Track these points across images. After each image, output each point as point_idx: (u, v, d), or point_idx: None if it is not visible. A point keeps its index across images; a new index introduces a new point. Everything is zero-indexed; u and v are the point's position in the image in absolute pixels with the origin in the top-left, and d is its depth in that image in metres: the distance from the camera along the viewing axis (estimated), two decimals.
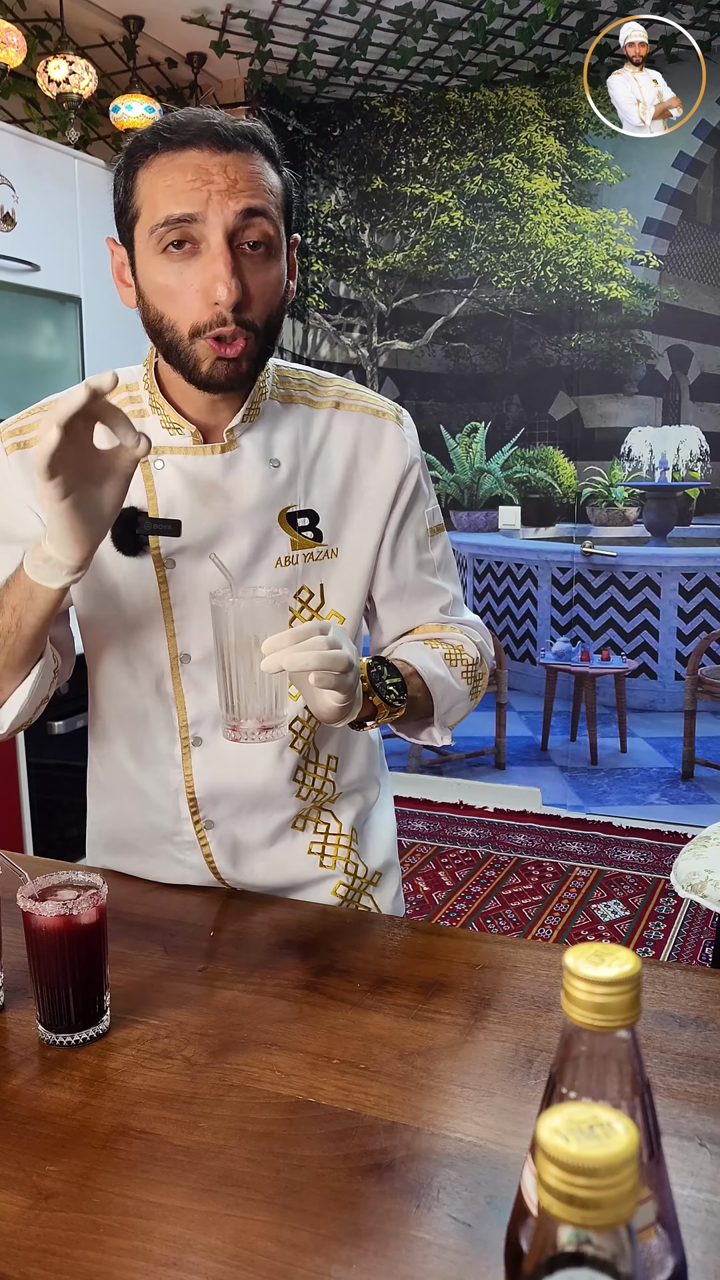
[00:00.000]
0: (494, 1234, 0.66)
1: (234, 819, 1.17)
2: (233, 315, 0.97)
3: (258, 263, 0.99)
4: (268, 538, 1.10)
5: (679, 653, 3.88)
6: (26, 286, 2.98)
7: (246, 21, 3.40)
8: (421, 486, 1.19)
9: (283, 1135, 0.77)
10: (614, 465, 3.88)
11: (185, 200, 0.95)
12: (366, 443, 1.15)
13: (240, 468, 1.09)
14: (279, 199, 1.00)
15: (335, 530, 1.14)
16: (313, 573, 1.13)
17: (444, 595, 1.23)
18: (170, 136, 0.96)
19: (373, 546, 1.16)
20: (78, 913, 0.89)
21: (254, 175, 0.97)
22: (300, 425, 1.12)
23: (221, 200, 0.95)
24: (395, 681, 1.06)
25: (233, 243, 0.96)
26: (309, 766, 1.19)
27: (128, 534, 1.07)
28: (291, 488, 1.11)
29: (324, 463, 1.13)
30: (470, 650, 1.19)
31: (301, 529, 1.12)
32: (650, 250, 3.71)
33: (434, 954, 1.05)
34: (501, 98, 3.83)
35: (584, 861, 3.61)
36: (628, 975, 0.49)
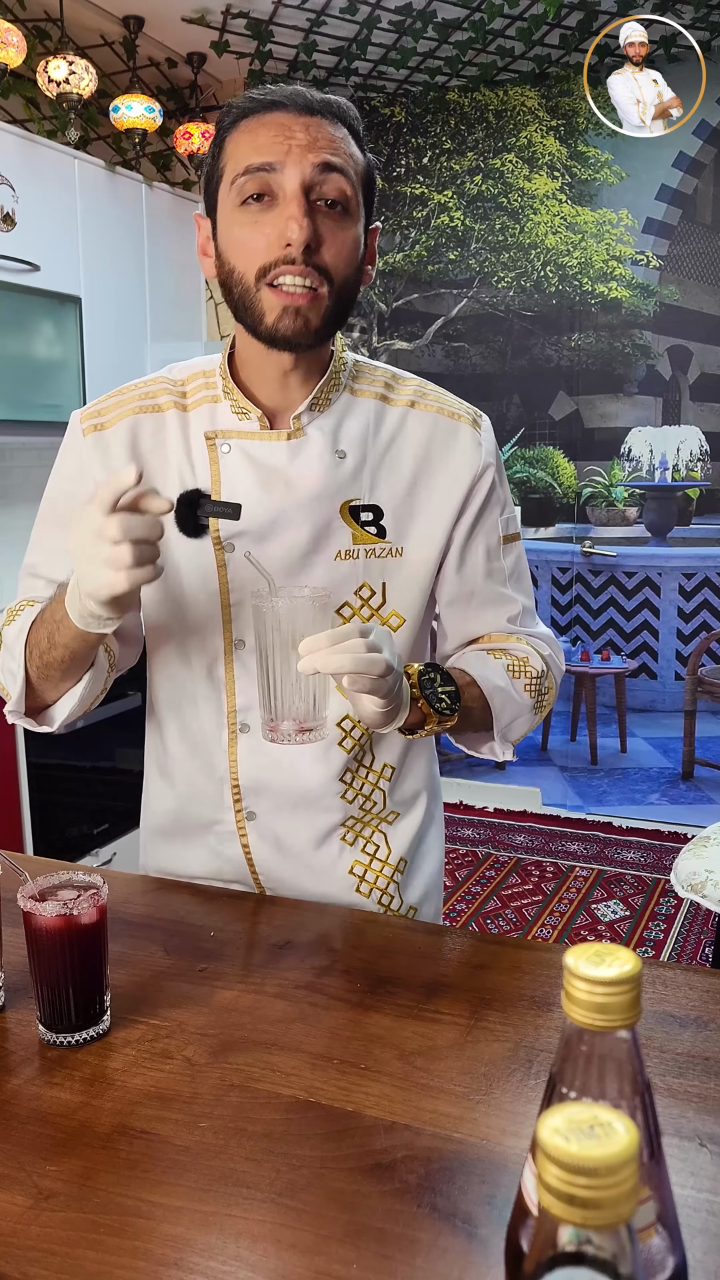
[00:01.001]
0: (494, 1234, 0.66)
1: (276, 814, 1.15)
2: (303, 256, 0.98)
3: (334, 219, 1.00)
4: (328, 529, 1.09)
5: (679, 653, 3.88)
6: (26, 286, 2.98)
7: (246, 21, 3.40)
8: (496, 492, 1.16)
9: (283, 1135, 0.77)
10: (614, 465, 3.88)
11: (266, 151, 0.98)
12: (439, 443, 1.13)
13: (305, 455, 1.08)
14: (359, 170, 1.03)
15: (401, 529, 1.12)
16: (375, 570, 1.11)
17: (513, 605, 1.19)
18: (259, 98, 1.01)
19: (439, 549, 1.13)
20: (78, 913, 0.89)
21: (335, 138, 1.00)
22: (372, 419, 1.11)
23: (300, 153, 0.98)
24: (449, 690, 1.03)
25: (309, 196, 0.99)
26: (359, 770, 1.16)
27: (190, 516, 1.07)
28: (357, 480, 1.10)
29: (393, 459, 1.11)
30: (535, 663, 1.16)
31: (364, 523, 1.10)
32: (650, 250, 3.71)
33: (434, 954, 1.05)
34: (501, 98, 3.83)
35: (584, 861, 3.61)
36: (628, 975, 0.49)
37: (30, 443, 3.46)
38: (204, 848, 1.20)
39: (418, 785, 1.22)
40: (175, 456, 1.11)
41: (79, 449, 1.13)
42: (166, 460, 1.11)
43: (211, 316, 4.02)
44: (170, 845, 1.23)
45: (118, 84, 3.59)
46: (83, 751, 3.02)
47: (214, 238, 1.06)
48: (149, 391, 1.13)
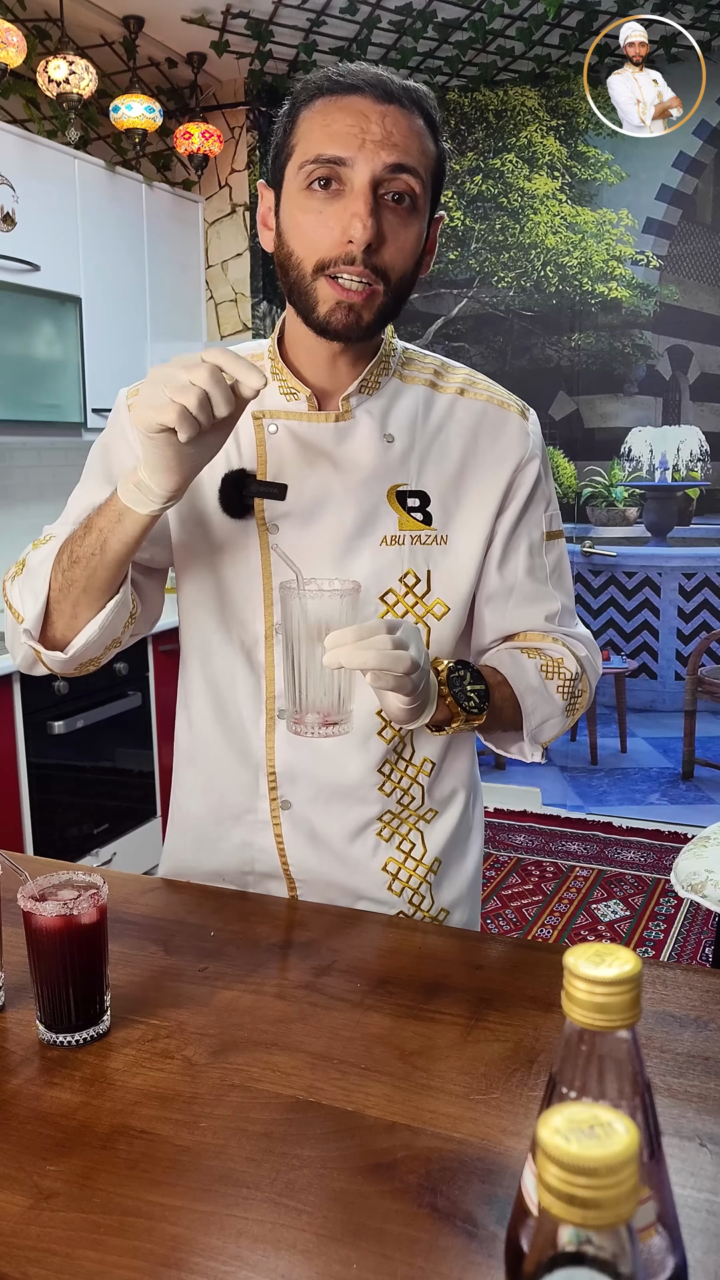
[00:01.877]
0: (494, 1234, 0.66)
1: (312, 804, 1.14)
2: (363, 256, 0.97)
3: (399, 215, 0.99)
4: (374, 513, 1.08)
5: (679, 653, 3.88)
6: (26, 286, 2.98)
7: (246, 21, 3.40)
8: (541, 485, 1.15)
9: (283, 1135, 0.77)
10: (614, 465, 3.88)
11: (340, 142, 0.96)
12: (487, 431, 1.12)
13: (354, 438, 1.08)
14: (430, 164, 1.01)
15: (447, 516, 1.11)
16: (420, 557, 1.10)
17: (552, 603, 1.17)
18: (339, 79, 0.98)
19: (483, 537, 1.12)
20: (78, 913, 0.89)
21: (410, 132, 0.98)
22: (420, 405, 1.10)
23: (374, 149, 0.96)
24: (478, 689, 1.03)
25: (376, 191, 0.97)
26: (398, 763, 1.15)
27: (235, 495, 1.07)
28: (404, 465, 1.09)
29: (441, 445, 1.10)
30: (570, 665, 1.14)
31: (411, 509, 1.09)
32: (650, 250, 3.71)
33: (434, 954, 1.05)
34: (501, 98, 3.83)
35: (584, 861, 3.61)
36: (628, 975, 0.49)
37: (30, 443, 3.47)
38: (235, 839, 1.18)
39: (456, 783, 1.20)
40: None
41: (122, 421, 1.12)
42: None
43: (211, 316, 4.02)
44: (199, 840, 1.21)
45: (118, 84, 3.59)
46: (83, 751, 3.02)
47: (275, 212, 1.04)
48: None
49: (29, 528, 3.52)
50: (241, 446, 1.09)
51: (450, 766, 1.19)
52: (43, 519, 4.35)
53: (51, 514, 1.18)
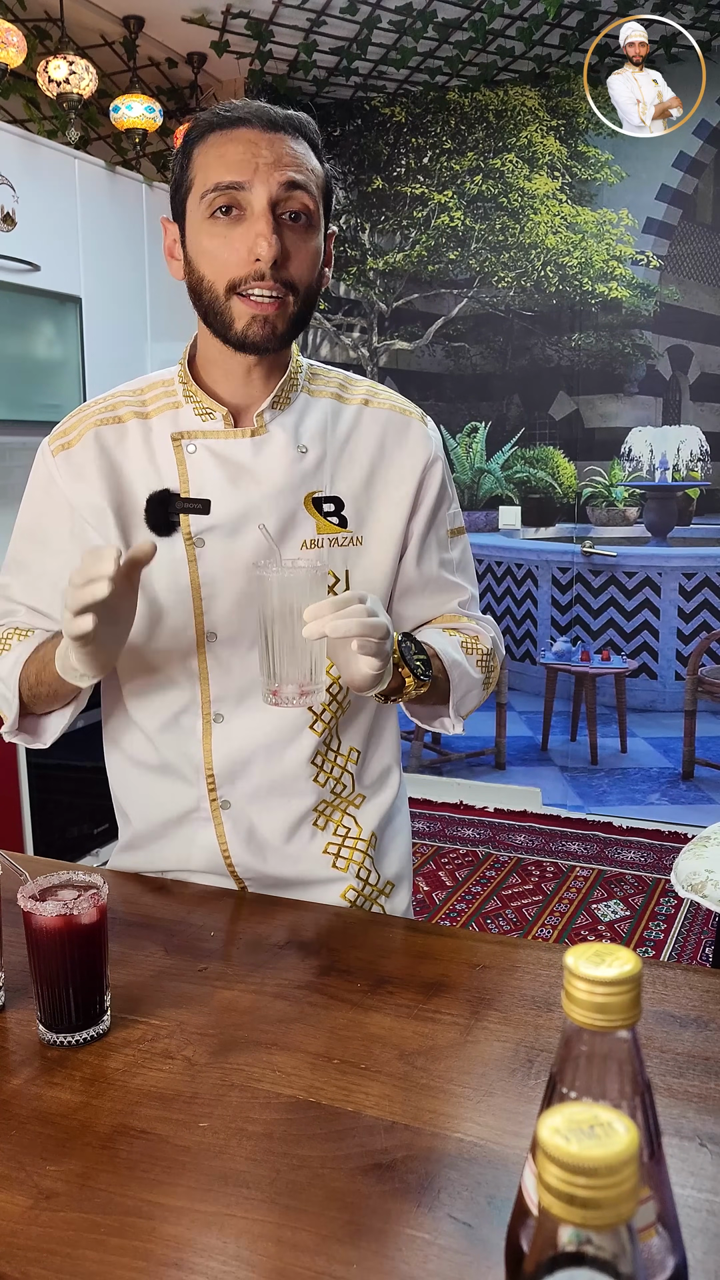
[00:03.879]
0: (494, 1234, 0.66)
1: (251, 802, 1.18)
2: (271, 272, 1.04)
3: (298, 232, 1.06)
4: (294, 520, 1.14)
5: (679, 653, 3.88)
6: (26, 286, 2.98)
7: (247, 21, 3.40)
8: (446, 486, 1.23)
9: (283, 1135, 0.77)
10: (614, 465, 3.88)
11: (235, 169, 1.04)
12: (392, 437, 1.19)
13: (269, 451, 1.14)
14: (320, 182, 1.09)
15: (361, 519, 1.18)
16: (338, 558, 1.16)
17: (462, 592, 1.27)
18: (225, 115, 1.06)
19: (396, 536, 1.19)
20: (78, 913, 0.89)
21: (298, 154, 1.06)
22: (328, 416, 1.18)
23: (268, 171, 1.03)
24: (421, 658, 1.10)
25: (275, 211, 1.04)
26: (329, 754, 1.21)
27: (160, 514, 1.13)
28: (318, 473, 1.15)
29: (350, 453, 1.18)
30: (485, 641, 1.25)
31: (327, 514, 1.16)
32: (650, 250, 3.71)
33: (434, 954, 1.05)
34: (502, 98, 3.83)
35: (584, 861, 3.61)
36: (628, 975, 0.49)
37: (30, 443, 3.46)
38: (178, 839, 1.22)
39: (382, 766, 1.28)
40: (140, 462, 1.15)
41: (48, 468, 1.19)
42: (133, 467, 1.15)
43: None
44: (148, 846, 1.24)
45: (118, 84, 3.59)
46: (83, 751, 3.01)
47: (182, 243, 1.11)
48: (108, 405, 1.19)
49: None
50: (161, 469, 1.14)
51: (374, 752, 1.27)
52: None
53: None
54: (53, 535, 1.19)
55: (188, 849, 1.21)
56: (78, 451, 1.17)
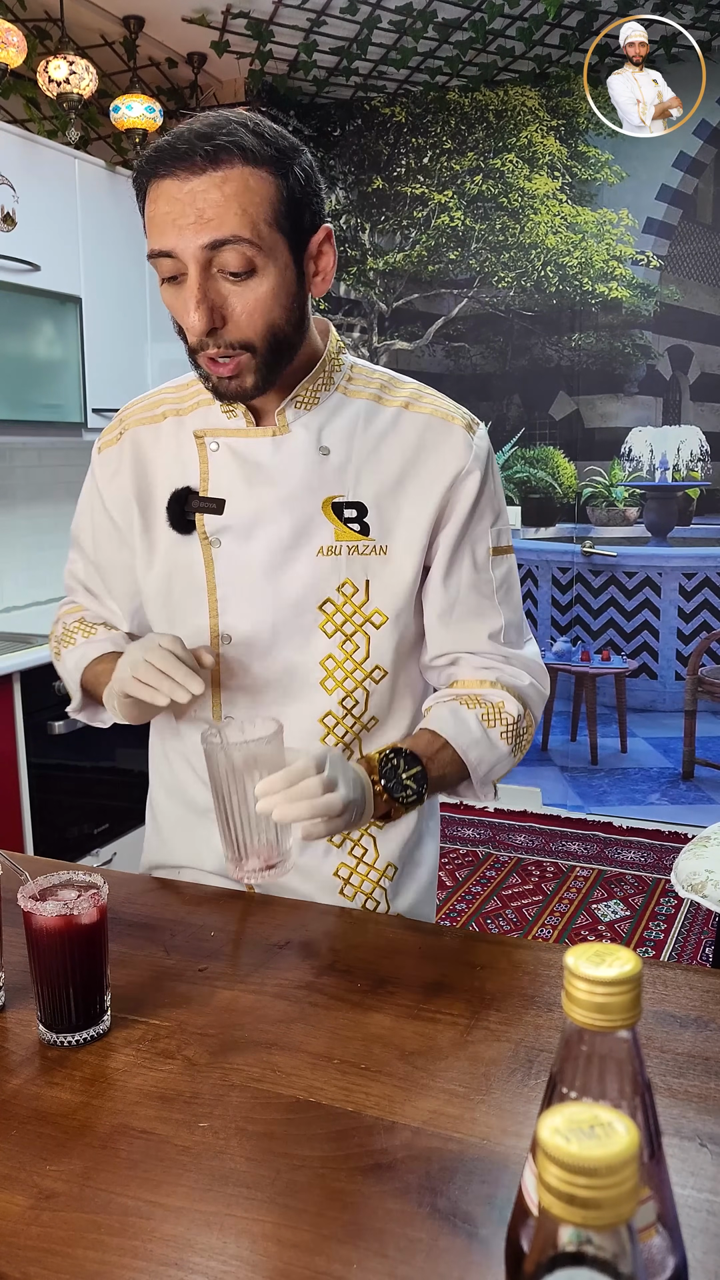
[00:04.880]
0: (494, 1234, 0.66)
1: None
2: (213, 339, 0.99)
3: (240, 285, 0.98)
4: (310, 525, 1.10)
5: (679, 653, 3.88)
6: (26, 286, 2.98)
7: (247, 21, 3.40)
8: (486, 499, 1.14)
9: (283, 1135, 0.77)
10: (614, 465, 3.88)
11: (160, 234, 0.97)
12: (428, 443, 1.12)
13: (288, 451, 1.10)
14: (268, 209, 0.97)
15: (386, 527, 1.11)
16: (357, 566, 1.11)
17: (495, 620, 1.17)
18: (152, 165, 0.97)
19: (420, 548, 1.12)
20: (78, 913, 0.89)
21: (225, 200, 0.95)
22: (360, 418, 1.12)
23: (190, 234, 0.95)
24: (413, 773, 1.04)
25: (210, 268, 0.97)
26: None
27: (179, 512, 1.12)
28: (341, 477, 1.10)
29: (380, 457, 1.11)
30: (511, 708, 1.14)
31: (347, 520, 1.10)
32: (650, 250, 3.71)
33: (434, 954, 1.05)
34: (502, 98, 3.83)
35: (584, 861, 3.61)
36: (628, 975, 0.49)
37: (31, 443, 3.47)
38: (192, 836, 1.22)
39: None
40: (168, 459, 1.16)
41: (91, 466, 1.24)
42: (161, 464, 1.16)
43: None
44: (170, 838, 1.26)
45: (118, 84, 3.59)
46: (83, 751, 3.02)
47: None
48: (149, 404, 1.20)
49: (29, 528, 3.52)
50: (187, 465, 1.14)
51: None
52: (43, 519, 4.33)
53: (51, 514, 1.25)
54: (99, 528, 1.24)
55: (200, 848, 1.21)
56: (114, 452, 1.21)
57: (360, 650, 1.11)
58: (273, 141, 0.98)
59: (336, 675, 1.12)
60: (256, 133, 0.97)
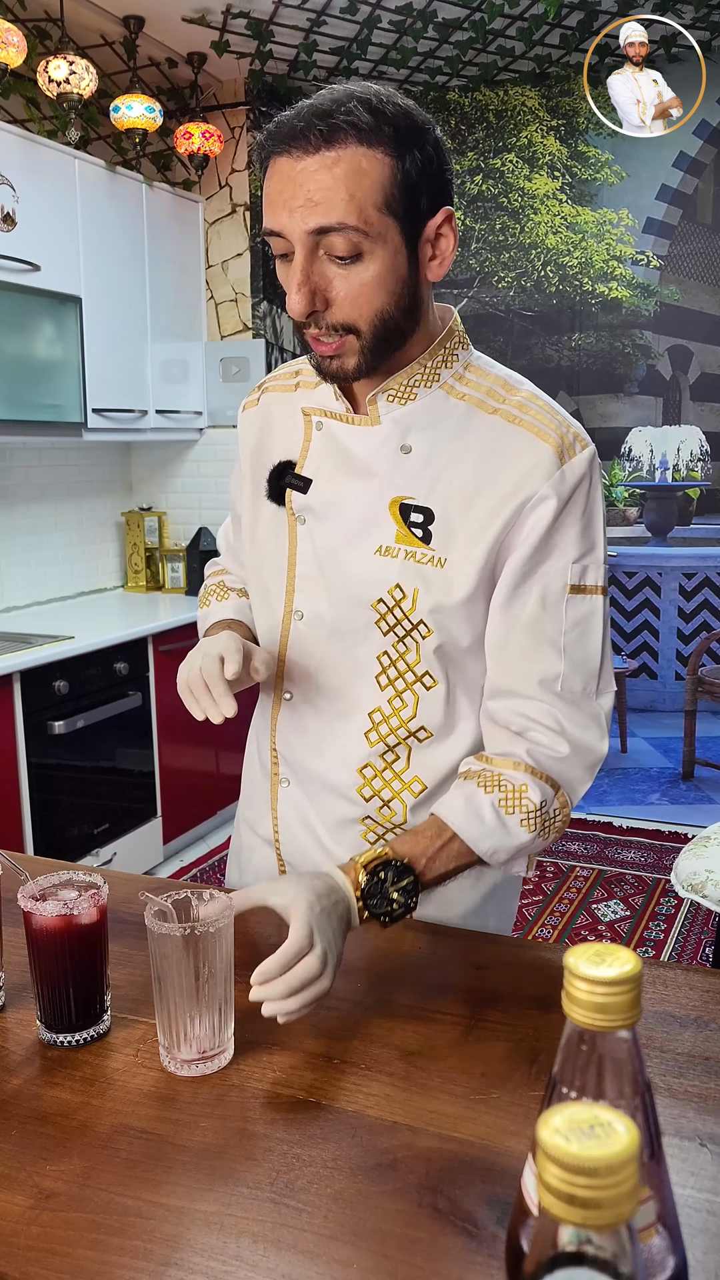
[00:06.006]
0: (495, 1234, 0.66)
1: (304, 787, 1.17)
2: (313, 319, 0.98)
3: (345, 268, 0.97)
4: (374, 521, 1.07)
5: (679, 653, 3.88)
6: (26, 286, 2.98)
7: (247, 21, 3.40)
8: (564, 531, 1.03)
9: (283, 1135, 0.77)
10: (614, 465, 3.88)
11: (273, 214, 0.96)
12: (513, 458, 1.04)
13: (372, 442, 1.08)
14: (378, 193, 0.94)
15: (451, 539, 1.05)
16: (410, 573, 1.06)
17: (550, 666, 1.05)
18: (272, 141, 0.96)
19: (479, 567, 1.04)
20: (78, 913, 0.89)
21: (334, 183, 0.93)
22: (454, 422, 1.06)
23: (299, 215, 0.94)
24: (402, 885, 0.97)
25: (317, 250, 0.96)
26: (384, 772, 1.12)
27: (275, 484, 1.14)
28: (417, 479, 1.06)
29: (462, 465, 1.05)
30: (533, 794, 1.03)
31: (412, 524, 1.06)
32: (650, 250, 3.71)
33: (434, 954, 1.05)
34: (502, 98, 3.83)
35: (584, 861, 3.61)
36: (628, 975, 0.49)
37: (30, 442, 3.46)
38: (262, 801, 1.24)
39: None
40: (285, 429, 1.17)
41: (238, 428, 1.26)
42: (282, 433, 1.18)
43: (212, 316, 4.02)
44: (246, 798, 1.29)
45: (118, 84, 3.59)
46: (83, 751, 3.02)
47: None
48: (290, 371, 1.21)
49: (28, 528, 3.52)
50: (292, 439, 1.15)
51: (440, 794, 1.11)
52: (42, 519, 4.32)
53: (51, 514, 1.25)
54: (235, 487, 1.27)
55: (260, 814, 1.23)
56: (252, 414, 1.23)
57: (412, 653, 1.09)
58: (394, 121, 0.96)
59: (389, 673, 1.10)
60: (377, 111, 0.95)
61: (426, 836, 1.01)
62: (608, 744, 1.09)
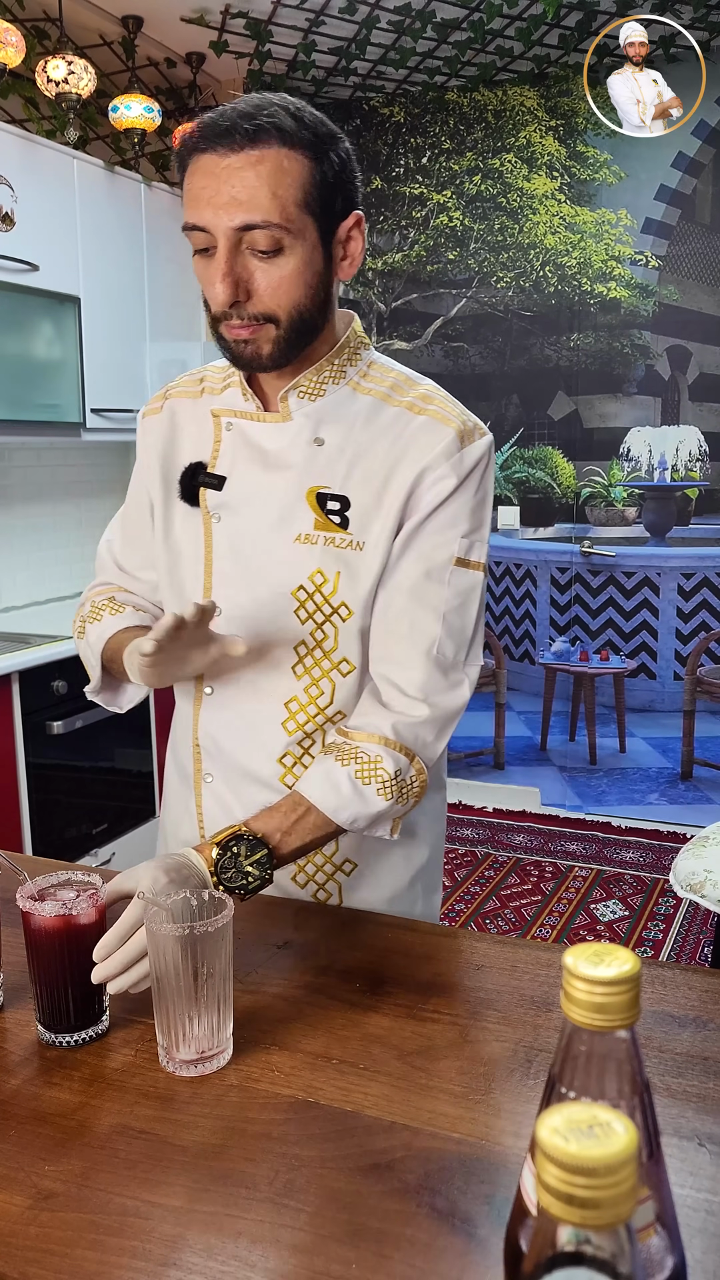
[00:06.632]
0: (493, 1234, 0.66)
1: (228, 782, 1.20)
2: (235, 311, 1.03)
3: (266, 262, 1.02)
4: (292, 512, 1.13)
5: (678, 653, 3.88)
6: (25, 286, 2.98)
7: (246, 21, 3.40)
8: (457, 506, 1.10)
9: (282, 1135, 0.77)
10: (613, 465, 3.88)
11: (196, 209, 1.01)
12: (419, 442, 1.10)
13: (285, 438, 1.14)
14: (299, 191, 1.00)
15: (366, 523, 1.11)
16: (331, 558, 1.11)
17: (429, 629, 1.11)
18: (194, 140, 1.01)
19: (387, 543, 1.11)
20: (77, 913, 0.89)
21: (258, 181, 0.98)
22: (362, 415, 1.13)
23: (223, 212, 0.99)
24: (256, 858, 1.00)
25: (240, 245, 1.01)
26: (303, 758, 1.16)
27: (188, 484, 1.18)
28: (330, 469, 1.12)
29: (372, 454, 1.11)
30: (388, 765, 1.08)
31: (329, 512, 1.12)
32: (649, 250, 3.71)
33: (433, 954, 1.05)
34: (500, 98, 3.83)
35: (583, 861, 3.61)
36: (627, 975, 0.49)
37: (29, 442, 3.46)
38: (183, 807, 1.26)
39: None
40: (196, 432, 1.21)
41: (138, 435, 1.29)
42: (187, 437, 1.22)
43: None
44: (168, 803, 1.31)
45: (117, 84, 3.59)
46: (82, 751, 3.02)
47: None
48: (194, 378, 1.26)
49: (27, 528, 3.52)
50: (202, 441, 1.19)
51: None
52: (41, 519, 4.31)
53: (50, 514, 1.26)
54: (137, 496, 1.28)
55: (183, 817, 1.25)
56: (154, 420, 1.26)
57: (329, 640, 1.13)
58: (312, 126, 1.02)
59: (306, 662, 1.14)
60: (297, 117, 1.02)
61: (281, 812, 1.06)
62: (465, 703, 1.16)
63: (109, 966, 0.88)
